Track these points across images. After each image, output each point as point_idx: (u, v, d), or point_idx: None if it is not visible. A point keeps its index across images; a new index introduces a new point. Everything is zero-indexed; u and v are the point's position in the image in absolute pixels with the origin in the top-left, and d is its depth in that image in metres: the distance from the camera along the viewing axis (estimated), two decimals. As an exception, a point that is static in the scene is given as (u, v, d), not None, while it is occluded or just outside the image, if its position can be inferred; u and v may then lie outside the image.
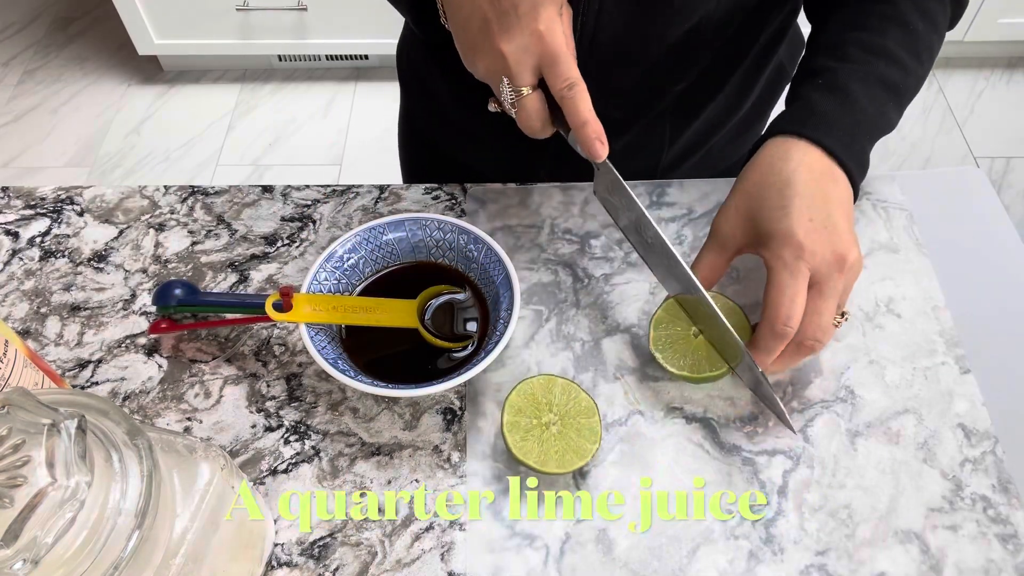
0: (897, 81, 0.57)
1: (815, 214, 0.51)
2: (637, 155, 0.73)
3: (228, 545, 0.42)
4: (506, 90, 0.52)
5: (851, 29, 0.59)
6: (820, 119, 0.55)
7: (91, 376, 0.57)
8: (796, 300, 0.50)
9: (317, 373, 0.57)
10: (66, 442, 0.32)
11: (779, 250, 0.51)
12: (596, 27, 0.60)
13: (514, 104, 0.52)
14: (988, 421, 0.55)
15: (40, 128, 2.02)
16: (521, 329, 0.59)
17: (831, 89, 0.56)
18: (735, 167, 0.83)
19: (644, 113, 0.69)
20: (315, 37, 1.95)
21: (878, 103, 0.57)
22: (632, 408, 0.55)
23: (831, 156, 0.54)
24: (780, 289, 0.50)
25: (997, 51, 2.15)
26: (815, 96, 0.56)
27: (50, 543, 0.31)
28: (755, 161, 0.55)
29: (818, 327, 0.50)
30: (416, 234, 0.58)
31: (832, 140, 0.54)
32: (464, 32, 0.52)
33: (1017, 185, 1.91)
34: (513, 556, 0.49)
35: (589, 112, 0.51)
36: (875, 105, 0.56)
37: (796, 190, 0.52)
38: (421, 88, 0.80)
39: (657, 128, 0.71)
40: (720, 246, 0.55)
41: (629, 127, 0.70)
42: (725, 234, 0.55)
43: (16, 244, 0.64)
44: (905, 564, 0.49)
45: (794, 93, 0.59)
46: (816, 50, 0.60)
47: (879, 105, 0.57)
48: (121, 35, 2.03)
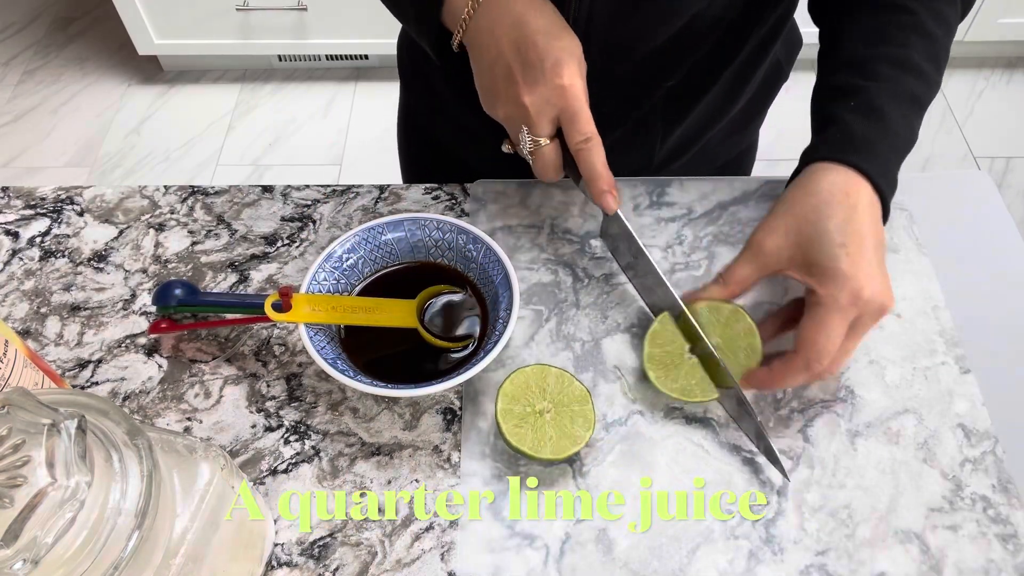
0: (923, 94, 0.57)
1: (868, 257, 0.51)
2: (630, 151, 0.73)
3: (228, 545, 0.42)
4: (526, 139, 0.54)
5: (875, 44, 0.58)
6: (864, 145, 0.54)
7: (91, 376, 0.57)
8: (836, 340, 0.50)
9: (317, 373, 0.57)
10: (66, 442, 0.32)
11: (835, 291, 0.50)
12: (588, 21, 0.60)
13: (532, 152, 0.55)
14: (988, 421, 0.55)
15: (40, 128, 2.02)
16: (521, 329, 0.59)
17: (866, 112, 0.55)
18: (730, 165, 0.83)
19: (636, 108, 0.69)
20: (315, 37, 1.95)
21: (909, 120, 0.57)
22: (632, 408, 0.55)
23: (875, 187, 0.53)
24: (828, 330, 0.50)
25: (997, 51, 2.15)
26: (850, 119, 0.55)
27: (50, 543, 0.31)
28: (812, 186, 0.54)
29: (838, 364, 0.51)
30: (415, 234, 0.58)
31: (875, 168, 0.54)
32: (487, 76, 0.55)
33: (1017, 185, 1.91)
34: (513, 556, 0.49)
35: (603, 167, 0.54)
36: (907, 123, 0.56)
37: (859, 230, 0.52)
38: (422, 85, 0.80)
39: (649, 124, 0.71)
40: (760, 263, 0.55)
41: (621, 122, 0.70)
42: (768, 252, 0.54)
43: (16, 244, 0.64)
44: (905, 564, 0.49)
45: (827, 115, 0.58)
46: (840, 67, 0.59)
47: (910, 122, 0.57)
48: (121, 35, 2.03)
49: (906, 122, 0.56)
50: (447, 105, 0.77)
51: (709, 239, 0.64)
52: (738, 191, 0.68)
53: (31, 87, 2.11)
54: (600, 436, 0.54)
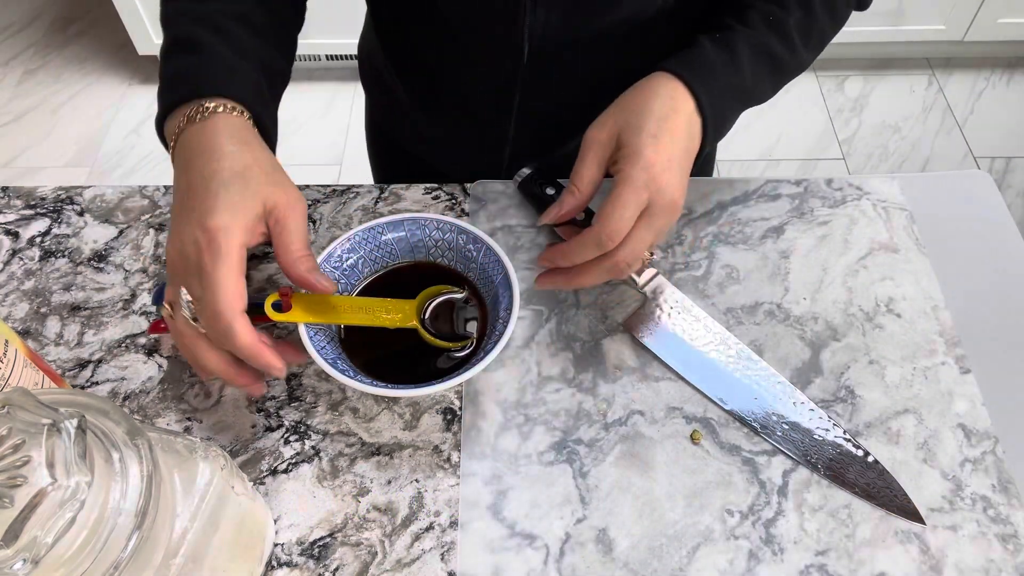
0: (783, 59, 0.59)
1: (672, 153, 0.53)
2: None
3: (228, 545, 0.42)
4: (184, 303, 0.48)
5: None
6: (705, 69, 0.56)
7: (91, 376, 0.57)
8: (629, 220, 0.51)
9: (317, 373, 0.57)
10: (66, 442, 0.32)
11: (632, 169, 0.51)
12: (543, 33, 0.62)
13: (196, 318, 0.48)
14: (988, 421, 0.55)
15: (40, 128, 2.02)
16: (521, 329, 0.59)
17: (722, 46, 0.58)
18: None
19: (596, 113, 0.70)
20: (315, 37, 1.95)
21: (759, 74, 0.59)
22: (632, 408, 0.55)
23: (699, 109, 0.55)
24: (621, 205, 0.51)
25: (997, 51, 2.15)
26: (707, 45, 0.58)
27: (50, 543, 0.31)
28: (639, 85, 0.57)
29: (634, 253, 0.51)
30: (415, 234, 0.58)
31: (705, 92, 0.55)
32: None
33: (1017, 185, 1.91)
34: (513, 556, 0.49)
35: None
36: (755, 73, 0.58)
37: (672, 129, 0.53)
38: (385, 96, 0.81)
39: None
40: (599, 156, 0.55)
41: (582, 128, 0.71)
42: (601, 142, 0.55)
43: (16, 244, 0.64)
44: (905, 564, 0.49)
45: (691, 40, 0.60)
46: (724, 7, 0.62)
47: (759, 74, 0.59)
48: (121, 35, 2.03)
49: (754, 72, 0.58)
50: (410, 114, 0.77)
51: (709, 239, 0.65)
52: (738, 191, 0.68)
53: (31, 87, 2.11)
54: (600, 436, 0.54)
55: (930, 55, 2.17)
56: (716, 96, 0.56)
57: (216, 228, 0.47)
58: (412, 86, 0.74)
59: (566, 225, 0.59)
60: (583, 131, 0.72)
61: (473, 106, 0.72)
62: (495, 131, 0.73)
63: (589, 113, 0.70)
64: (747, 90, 0.58)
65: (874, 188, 0.68)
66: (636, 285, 0.60)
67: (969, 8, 1.96)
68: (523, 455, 0.53)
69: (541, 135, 0.72)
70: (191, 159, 0.50)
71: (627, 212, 0.51)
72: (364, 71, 0.84)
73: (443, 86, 0.72)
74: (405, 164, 0.85)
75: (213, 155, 0.49)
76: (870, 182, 0.69)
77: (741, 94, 0.58)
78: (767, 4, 0.60)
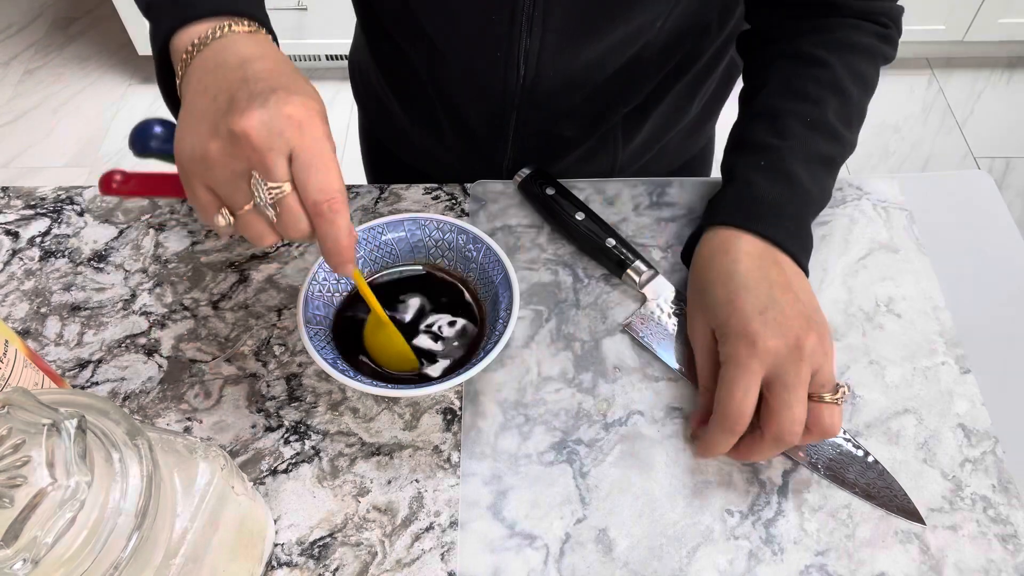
0: (835, 156, 0.58)
1: (763, 304, 0.50)
2: (591, 161, 0.75)
3: (228, 545, 0.42)
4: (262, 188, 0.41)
5: (790, 98, 0.58)
6: (766, 209, 0.54)
7: (91, 376, 0.57)
8: (746, 397, 0.48)
9: (317, 373, 0.57)
10: (66, 442, 0.32)
11: (732, 348, 0.50)
12: (538, 55, 0.61)
13: (277, 203, 0.41)
14: (988, 421, 0.55)
15: (40, 128, 2.02)
16: (521, 329, 0.59)
17: (774, 173, 0.55)
18: (692, 162, 0.85)
19: (595, 129, 0.71)
20: (315, 37, 1.95)
21: (819, 181, 0.57)
22: (632, 408, 0.55)
23: (776, 245, 0.53)
24: (729, 386, 0.49)
25: (997, 51, 2.15)
26: (757, 180, 0.55)
27: (50, 543, 0.31)
28: (698, 254, 0.56)
29: (790, 421, 0.48)
30: (415, 234, 0.58)
31: (778, 231, 0.53)
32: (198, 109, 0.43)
33: (1017, 185, 1.91)
34: (513, 556, 0.49)
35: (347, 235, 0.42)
36: (817, 184, 0.57)
37: (740, 282, 0.51)
38: (377, 107, 0.81)
39: (608, 139, 0.73)
40: (702, 353, 0.54)
41: (581, 143, 0.72)
42: (698, 339, 0.54)
43: (16, 244, 0.64)
44: (905, 564, 0.49)
45: (734, 171, 0.58)
46: (754, 116, 0.59)
47: (820, 183, 0.57)
48: (121, 35, 2.03)
49: (817, 184, 0.57)
50: (405, 129, 0.77)
51: (709, 239, 0.65)
52: (738, 191, 0.68)
53: (31, 87, 2.11)
54: (600, 436, 0.54)
55: (930, 55, 2.17)
56: (790, 225, 0.54)
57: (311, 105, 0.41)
58: (406, 103, 0.75)
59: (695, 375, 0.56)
60: (583, 144, 0.73)
61: (471, 124, 0.72)
62: (492, 146, 0.73)
63: (588, 129, 0.71)
64: (814, 202, 0.57)
65: (874, 188, 0.68)
66: (636, 285, 0.60)
67: (969, 8, 1.96)
68: (523, 455, 0.53)
69: (540, 150, 0.73)
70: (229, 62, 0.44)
71: (737, 390, 0.48)
72: (356, 84, 0.84)
73: (439, 105, 0.72)
74: (400, 173, 0.85)
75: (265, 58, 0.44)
76: (870, 182, 0.69)
77: (812, 209, 0.57)
78: (800, 104, 0.57)
